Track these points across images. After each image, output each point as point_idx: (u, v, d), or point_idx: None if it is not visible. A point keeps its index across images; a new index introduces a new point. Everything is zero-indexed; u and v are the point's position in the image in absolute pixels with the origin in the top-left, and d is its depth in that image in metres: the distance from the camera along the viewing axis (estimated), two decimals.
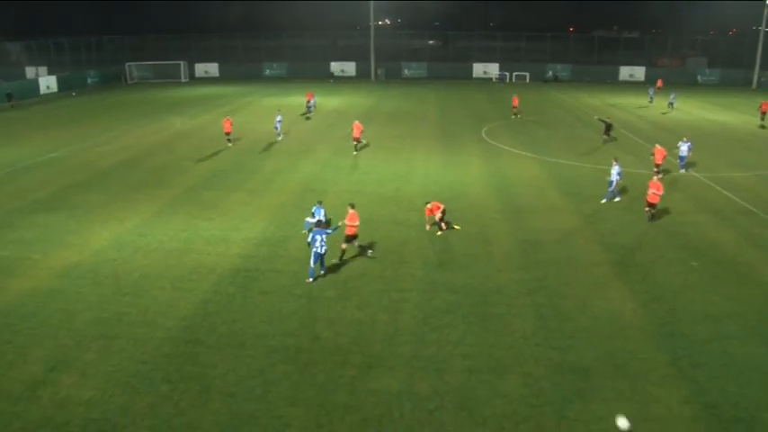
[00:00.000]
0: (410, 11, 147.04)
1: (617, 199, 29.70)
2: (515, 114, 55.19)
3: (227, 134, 42.24)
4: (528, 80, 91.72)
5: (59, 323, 18.01)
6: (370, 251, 23.05)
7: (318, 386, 14.99)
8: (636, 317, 18.50)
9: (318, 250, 20.37)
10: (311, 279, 20.74)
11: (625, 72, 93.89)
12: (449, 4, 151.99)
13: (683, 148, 35.27)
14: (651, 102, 62.23)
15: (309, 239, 20.71)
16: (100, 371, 15.61)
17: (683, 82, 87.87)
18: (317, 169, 35.91)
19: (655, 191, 26.32)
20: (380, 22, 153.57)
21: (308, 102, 57.35)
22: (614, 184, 29.40)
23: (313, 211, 24.29)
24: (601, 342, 17.03)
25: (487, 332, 17.54)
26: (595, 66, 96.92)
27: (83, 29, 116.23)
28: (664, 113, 59.02)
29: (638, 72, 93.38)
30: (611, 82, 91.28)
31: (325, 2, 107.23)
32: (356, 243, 22.85)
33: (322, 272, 21.10)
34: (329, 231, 21.11)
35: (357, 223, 22.34)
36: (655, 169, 31.10)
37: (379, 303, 19.24)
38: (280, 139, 44.57)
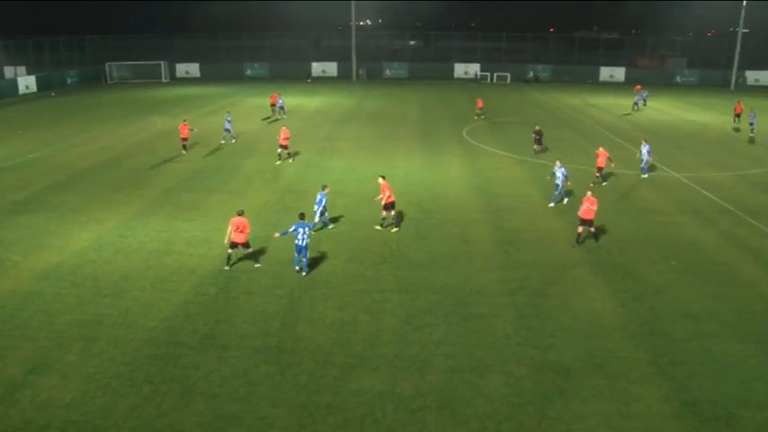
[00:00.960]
0: (391, 11, 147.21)
1: (565, 201, 29.52)
2: (478, 116, 55.10)
3: (184, 140, 39.78)
4: (509, 80, 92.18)
5: (39, 325, 17.86)
6: (396, 228, 25.47)
7: (301, 387, 14.99)
8: (616, 316, 18.70)
9: (300, 243, 20.88)
10: (297, 267, 21.53)
11: (605, 72, 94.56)
12: (430, 4, 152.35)
13: (644, 152, 34.83)
14: (637, 109, 61.91)
15: (292, 230, 20.99)
16: (80, 373, 15.50)
17: (662, 83, 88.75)
18: (299, 169, 35.88)
19: (589, 205, 23.72)
20: (362, 23, 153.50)
21: (273, 104, 55.74)
22: (561, 186, 29.05)
23: (319, 197, 24.91)
24: (581, 341, 17.20)
25: (469, 332, 17.64)
26: (576, 66, 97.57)
27: (62, 28, 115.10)
28: (627, 114, 59.61)
29: (619, 73, 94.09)
30: (592, 82, 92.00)
31: (307, 2, 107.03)
32: (393, 212, 25.38)
33: (304, 260, 21.38)
34: (311, 225, 21.59)
35: (389, 194, 25.04)
36: (597, 174, 31.58)
37: (361, 304, 19.29)
38: (233, 141, 43.21)
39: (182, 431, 13.45)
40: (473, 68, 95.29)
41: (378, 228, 25.72)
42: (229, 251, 21.78)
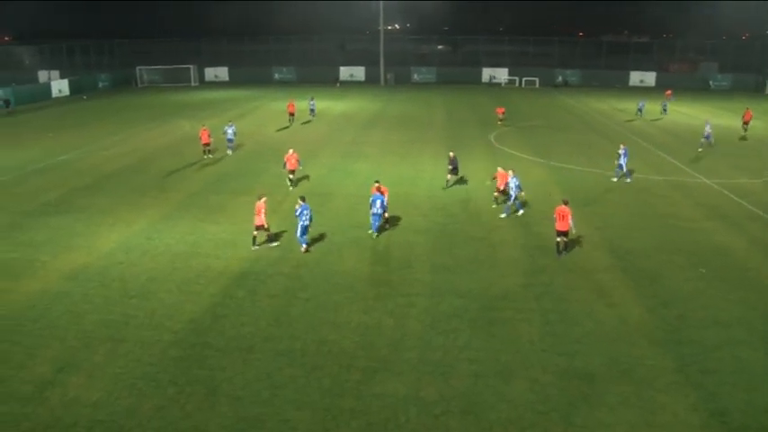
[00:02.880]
0: (419, 15, 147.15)
1: (520, 212, 28.47)
2: (501, 122, 54.75)
3: (206, 145, 39.66)
4: (537, 85, 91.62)
5: (67, 325, 18.14)
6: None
7: (324, 390, 15.02)
8: (642, 322, 18.45)
9: (304, 223, 23.10)
10: (304, 246, 23.67)
11: (635, 77, 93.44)
12: (458, 7, 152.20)
13: (621, 153, 34.11)
14: (665, 113, 60.55)
15: (296, 213, 23.13)
16: (107, 373, 15.70)
17: (693, 87, 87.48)
18: (323, 173, 35.98)
19: (563, 216, 22.96)
20: (390, 27, 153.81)
21: (291, 113, 53.74)
22: (513, 197, 27.95)
23: (372, 199, 25.04)
24: (607, 347, 17.00)
25: (494, 337, 17.54)
26: (605, 70, 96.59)
27: (95, 33, 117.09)
28: (656, 120, 58.23)
29: (649, 77, 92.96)
30: (621, 87, 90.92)
31: (335, 6, 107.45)
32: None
33: (304, 245, 23.62)
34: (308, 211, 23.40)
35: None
36: (495, 193, 29.51)
37: (385, 307, 19.28)
38: (228, 153, 41.43)
39: None
40: (501, 73, 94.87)
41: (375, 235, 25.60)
42: (254, 233, 23.87)
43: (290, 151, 32.64)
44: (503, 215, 28.19)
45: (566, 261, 23.01)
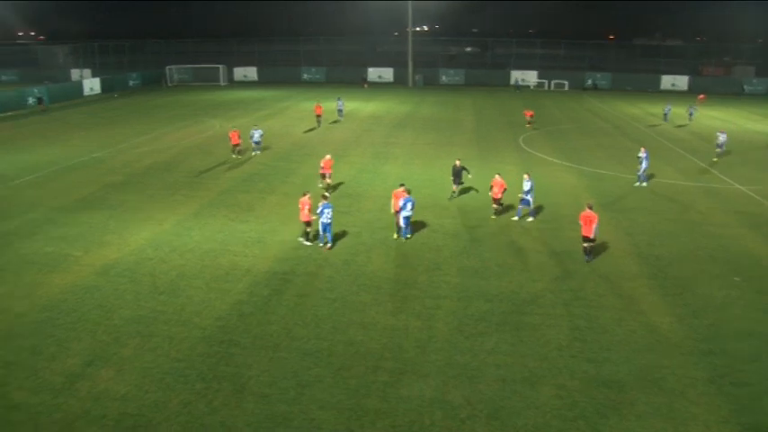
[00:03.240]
0: (448, 17, 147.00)
1: (530, 219, 28.08)
2: (529, 124, 54.49)
3: (235, 146, 40.04)
4: (567, 88, 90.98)
5: (98, 319, 18.42)
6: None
7: (351, 390, 15.06)
8: (673, 331, 18.20)
9: (325, 220, 23.50)
10: (321, 243, 24.12)
11: (667, 81, 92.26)
12: (487, 9, 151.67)
13: (642, 156, 33.89)
14: (692, 120, 59.36)
15: (318, 211, 23.43)
16: (135, 367, 15.91)
17: (728, 92, 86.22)
18: (353, 174, 36.08)
19: (588, 221, 22.67)
20: (418, 28, 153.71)
21: (318, 114, 53.09)
22: (530, 201, 27.72)
23: (403, 202, 24.80)
24: (637, 356, 16.80)
25: (521, 342, 17.44)
26: (636, 74, 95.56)
27: (126, 32, 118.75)
28: (683, 126, 56.78)
29: (681, 81, 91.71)
30: (653, 91, 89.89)
31: (364, 6, 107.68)
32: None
33: (329, 243, 24.10)
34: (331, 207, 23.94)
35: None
36: (494, 205, 28.16)
37: (413, 310, 19.27)
38: (255, 153, 41.29)
39: (232, 429, 13.67)
40: (530, 75, 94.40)
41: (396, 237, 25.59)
42: (307, 229, 24.56)
43: (327, 156, 32.21)
44: (515, 218, 28.14)
45: (595, 267, 22.80)
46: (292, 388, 15.13)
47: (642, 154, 33.96)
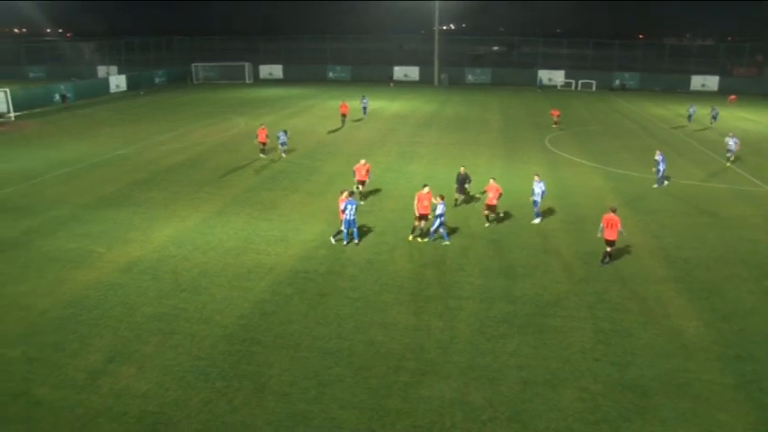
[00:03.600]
0: (475, 16, 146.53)
1: (536, 220, 27.63)
2: (557, 124, 54.05)
3: (262, 145, 39.61)
4: (594, 88, 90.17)
5: (120, 316, 18.63)
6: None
7: (371, 390, 15.07)
8: (700, 336, 17.95)
9: (348, 217, 23.73)
10: (346, 241, 24.48)
11: (697, 81, 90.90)
12: (514, 8, 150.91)
13: (659, 159, 33.39)
14: (690, 121, 56.78)
15: (342, 207, 23.79)
16: (157, 364, 16.07)
17: (760, 92, 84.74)
18: (377, 173, 36.04)
19: (611, 225, 22.27)
20: (445, 27, 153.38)
21: (344, 114, 53.00)
22: (539, 202, 27.25)
23: (436, 204, 24.45)
24: (662, 360, 16.61)
25: (544, 344, 17.33)
26: (665, 74, 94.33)
27: (152, 29, 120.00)
28: (701, 130, 54.77)
29: (711, 81, 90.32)
30: (682, 91, 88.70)
31: (390, 5, 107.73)
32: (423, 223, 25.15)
33: (356, 240, 24.55)
34: (357, 203, 24.62)
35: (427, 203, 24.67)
36: (485, 212, 26.76)
37: (435, 310, 19.23)
38: (283, 156, 40.22)
39: (252, 427, 13.75)
40: (557, 75, 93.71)
41: (412, 239, 25.32)
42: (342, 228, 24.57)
43: (362, 161, 30.53)
44: (536, 221, 27.65)
45: (620, 269, 22.58)
46: (313, 387, 15.17)
47: (658, 157, 33.57)
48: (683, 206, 30.51)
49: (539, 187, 26.99)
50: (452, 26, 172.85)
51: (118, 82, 79.30)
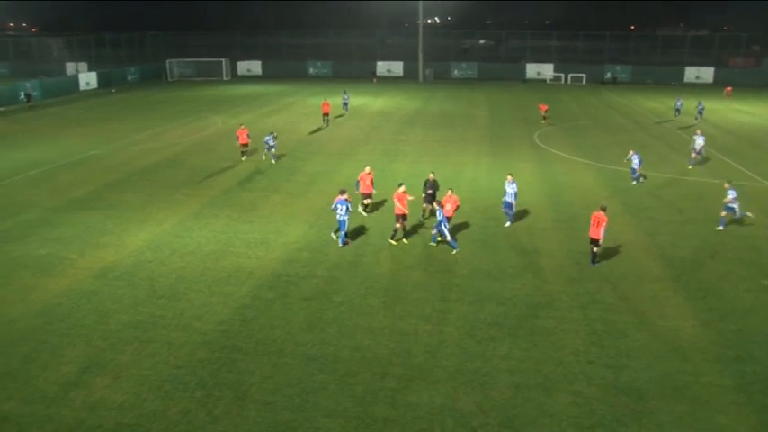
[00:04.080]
0: (461, 9, 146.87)
1: (507, 224, 27.23)
2: (546, 119, 54.33)
3: (244, 146, 38.48)
4: (584, 82, 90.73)
5: (94, 324, 18.48)
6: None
7: (357, 397, 15.05)
8: (697, 336, 18.08)
9: (341, 217, 24.05)
10: (341, 243, 24.51)
11: (691, 73, 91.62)
12: (501, 1, 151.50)
13: (635, 160, 33.84)
14: (678, 114, 57.49)
15: (333, 207, 24.25)
16: (133, 374, 15.95)
17: (757, 84, 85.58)
18: (359, 172, 35.97)
19: (597, 223, 22.35)
20: (429, 20, 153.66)
21: (326, 113, 51.69)
22: (513, 204, 26.88)
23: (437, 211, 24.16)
24: (658, 362, 16.70)
25: (536, 347, 17.39)
26: (658, 67, 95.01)
27: (123, 25, 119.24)
28: (686, 127, 55.41)
29: (706, 73, 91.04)
30: (676, 84, 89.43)
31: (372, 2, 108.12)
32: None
33: (340, 242, 24.48)
34: (349, 204, 24.34)
35: (449, 207, 24.37)
36: (434, 230, 24.51)
37: (422, 313, 19.25)
38: (273, 162, 38.52)
39: None
40: (546, 69, 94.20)
41: (396, 243, 24.95)
42: (396, 225, 24.95)
43: (366, 169, 28.75)
44: (507, 224, 27.27)
45: (614, 269, 22.72)
46: (296, 395, 15.13)
47: (631, 155, 34.18)
48: (678, 203, 30.74)
49: (511, 188, 26.65)
50: (437, 20, 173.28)
51: (88, 79, 78.81)
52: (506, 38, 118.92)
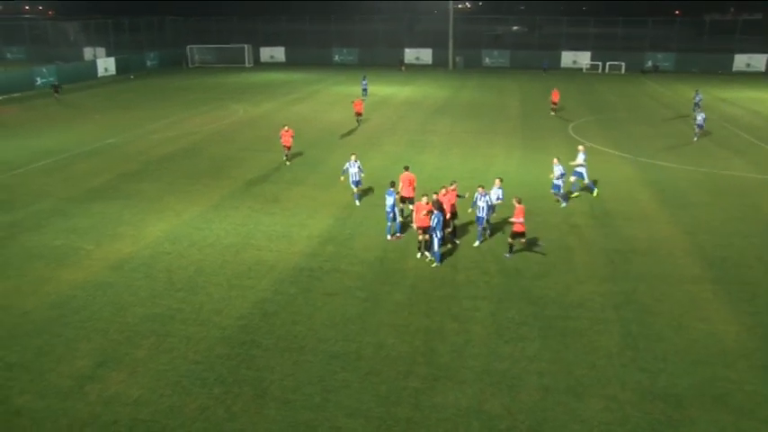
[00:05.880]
0: None
1: (563, 205, 29.20)
2: (553, 111, 53.66)
3: (287, 148, 36.12)
4: (623, 71, 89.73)
5: (110, 317, 18.79)
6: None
7: (380, 397, 15.15)
8: (741, 342, 17.88)
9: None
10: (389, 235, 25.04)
11: (741, 61, 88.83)
12: None
13: (557, 170, 29.15)
14: (697, 109, 52.86)
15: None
16: (150, 369, 16.20)
17: None
18: (386, 164, 36.09)
19: (517, 214, 22.54)
20: (460, 6, 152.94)
21: (358, 113, 48.22)
22: (562, 186, 29.09)
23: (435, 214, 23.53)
24: (698, 368, 16.56)
25: (567, 348, 17.36)
26: (704, 54, 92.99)
27: (143, 8, 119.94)
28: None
29: (758, 60, 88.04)
30: (724, 72, 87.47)
31: None
32: (523, 240, 23.60)
33: (390, 224, 24.94)
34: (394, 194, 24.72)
35: (522, 219, 22.91)
36: (420, 236, 22.82)
37: (449, 311, 19.29)
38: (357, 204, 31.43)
39: None
40: (583, 57, 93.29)
41: (420, 257, 23.42)
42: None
43: (406, 171, 26.88)
44: (563, 204, 29.10)
45: (650, 268, 22.54)
46: (317, 394, 15.27)
47: (580, 158, 30.61)
48: (721, 200, 30.35)
49: (558, 171, 28.62)
50: (468, 5, 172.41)
51: (106, 65, 79.61)
52: (541, 24, 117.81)
